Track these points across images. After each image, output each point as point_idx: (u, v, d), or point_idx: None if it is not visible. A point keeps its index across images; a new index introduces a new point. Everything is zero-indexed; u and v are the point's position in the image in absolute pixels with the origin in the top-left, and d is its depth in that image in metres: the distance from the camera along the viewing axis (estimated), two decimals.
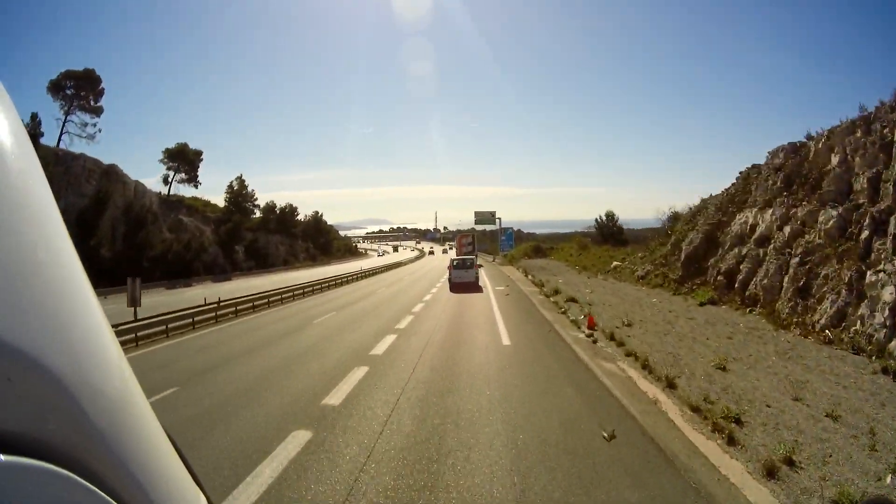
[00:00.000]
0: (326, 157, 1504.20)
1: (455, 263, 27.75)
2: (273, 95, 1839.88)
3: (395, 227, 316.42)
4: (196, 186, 64.09)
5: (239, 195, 65.46)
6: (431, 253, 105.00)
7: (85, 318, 0.51)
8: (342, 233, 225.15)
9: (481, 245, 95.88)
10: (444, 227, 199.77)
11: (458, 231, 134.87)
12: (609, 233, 45.51)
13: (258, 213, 69.16)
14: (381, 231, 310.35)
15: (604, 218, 50.74)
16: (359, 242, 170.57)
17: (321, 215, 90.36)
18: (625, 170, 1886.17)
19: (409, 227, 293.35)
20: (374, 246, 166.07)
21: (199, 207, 62.14)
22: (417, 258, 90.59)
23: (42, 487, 0.41)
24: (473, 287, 25.38)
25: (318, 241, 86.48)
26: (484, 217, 59.79)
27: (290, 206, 74.91)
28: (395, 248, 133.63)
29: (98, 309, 0.54)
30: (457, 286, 25.41)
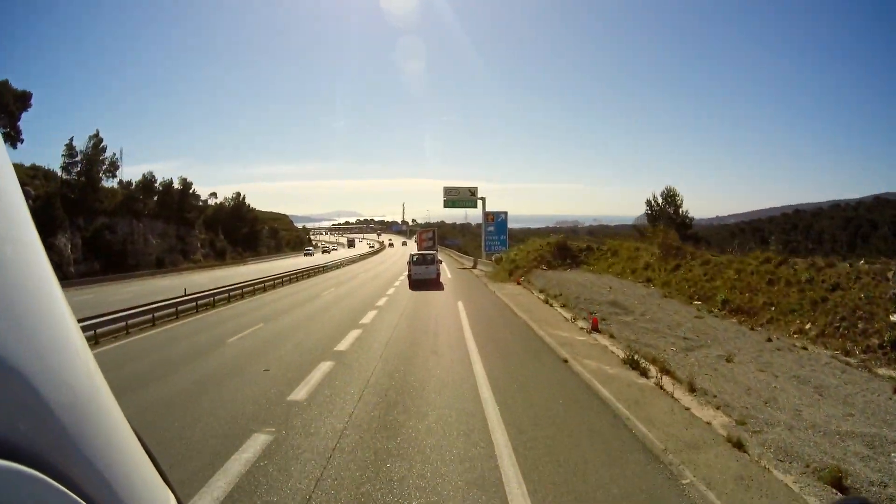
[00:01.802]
0: (299, 151, 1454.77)
1: (415, 259, 24.85)
2: (240, 85, 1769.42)
3: (362, 218, 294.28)
4: (14, 145, 41.76)
5: (90, 162, 42.93)
6: (391, 245, 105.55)
7: (52, 314, 0.51)
8: (308, 225, 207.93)
9: (451, 240, 75.02)
10: (413, 220, 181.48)
11: (427, 224, 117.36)
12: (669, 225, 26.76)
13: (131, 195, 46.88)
14: (346, 223, 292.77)
15: (658, 201, 31.31)
16: (319, 235, 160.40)
17: (243, 198, 68.23)
18: (604, 166, 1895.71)
19: (378, 219, 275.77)
20: (333, 238, 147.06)
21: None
22: (373, 253, 70.63)
23: (10, 488, 0.40)
24: (434, 284, 23.75)
25: (237, 232, 64.43)
26: (459, 196, 39.14)
27: (185, 182, 52.62)
28: (351, 243, 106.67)
29: (65, 304, 0.54)
30: (417, 283, 23.42)
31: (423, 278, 23.68)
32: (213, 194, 70.98)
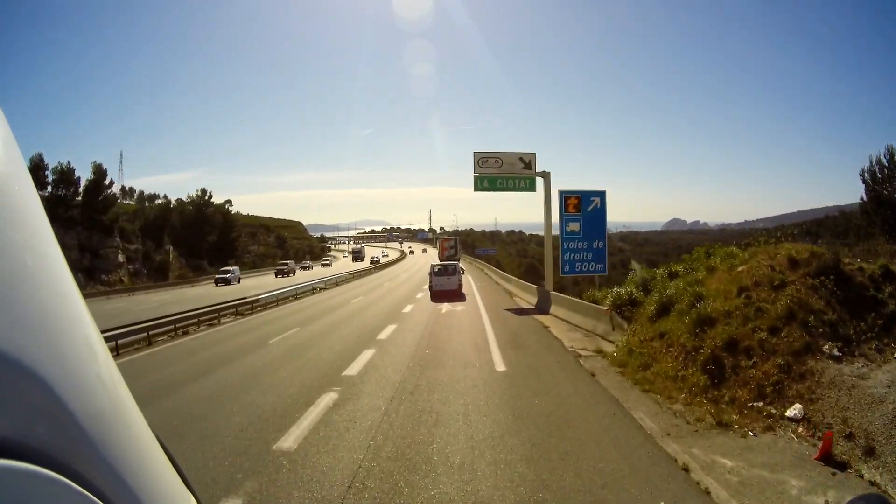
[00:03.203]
0: (328, 159, 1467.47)
1: (436, 270, 23.74)
2: (269, 97, 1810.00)
3: (388, 227, 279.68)
4: None
5: None
6: (411, 252, 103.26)
7: (73, 322, 0.51)
8: (336, 234, 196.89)
9: (483, 249, 57.45)
10: (441, 228, 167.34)
11: (454, 231, 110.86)
12: None
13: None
14: (372, 231, 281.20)
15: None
16: (341, 244, 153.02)
17: (209, 197, 52.25)
18: (626, 173, 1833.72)
19: (404, 227, 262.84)
20: (356, 248, 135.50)
21: None
22: (382, 267, 53.96)
23: (32, 491, 0.41)
24: (456, 296, 22.04)
25: (201, 240, 48.51)
26: (501, 170, 20.85)
27: (99, 170, 36.70)
28: (357, 254, 79.47)
29: (86, 313, 0.54)
30: (438, 294, 22.16)
31: (444, 289, 22.54)
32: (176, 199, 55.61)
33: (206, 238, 49.50)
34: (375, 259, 69.56)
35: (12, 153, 0.50)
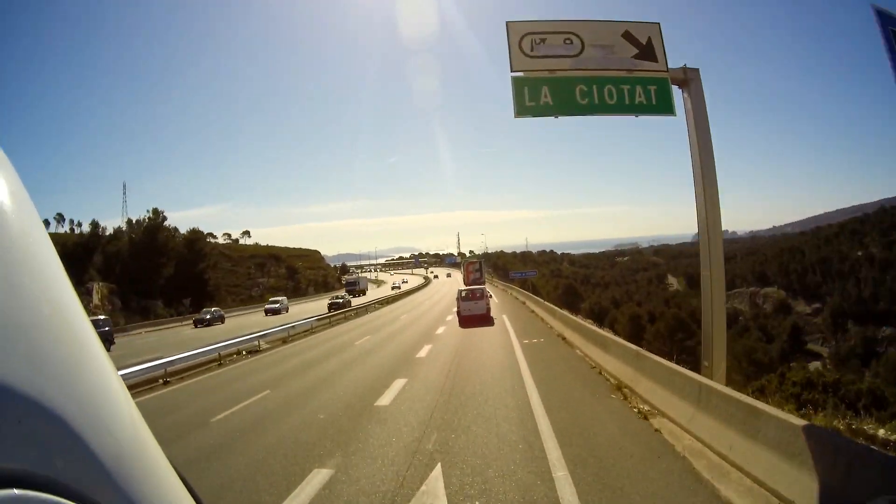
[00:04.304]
0: (352, 190, 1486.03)
1: (464, 295, 23.59)
2: (298, 131, 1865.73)
3: (416, 252, 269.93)
4: None
5: None
6: (435, 277, 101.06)
7: (91, 366, 0.54)
8: (359, 262, 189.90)
9: (517, 272, 47.64)
10: (470, 251, 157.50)
11: (484, 254, 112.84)
12: None
13: None
14: (401, 258, 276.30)
15: None
16: (369, 272, 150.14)
17: (161, 220, 41.41)
18: (650, 187, 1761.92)
19: (433, 252, 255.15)
20: (376, 276, 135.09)
21: None
22: (390, 300, 41.80)
23: None
24: (485, 320, 21.52)
25: (147, 273, 37.34)
26: (592, 44, 8.10)
27: None
28: (351, 290, 57.10)
29: (104, 356, 0.57)
30: (467, 320, 21.62)
31: (473, 314, 22.21)
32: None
33: (161, 272, 38.11)
34: (433, 275, 71.69)
35: (25, 205, 0.52)
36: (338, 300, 37.84)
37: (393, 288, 59.81)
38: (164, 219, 42.87)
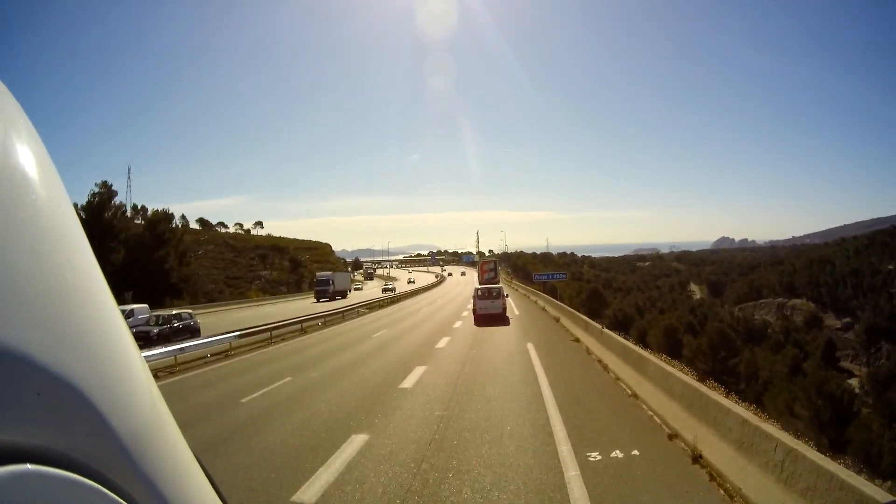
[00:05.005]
0: (377, 185, 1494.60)
1: (479, 293, 22.87)
2: (322, 126, 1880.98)
3: (435, 250, 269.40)
4: None
5: None
6: (450, 275, 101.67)
7: (112, 339, 0.53)
8: (373, 258, 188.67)
9: (541, 275, 42.41)
10: (490, 250, 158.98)
11: (505, 254, 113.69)
12: None
13: None
14: (418, 255, 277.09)
15: None
16: (385, 268, 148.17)
17: (107, 197, 38.86)
18: (671, 192, 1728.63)
19: (451, 250, 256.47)
20: (387, 272, 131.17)
21: None
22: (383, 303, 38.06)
23: (70, 497, 0.42)
24: (500, 319, 21.16)
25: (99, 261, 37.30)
26: None
27: None
28: (323, 291, 46.40)
29: (125, 330, 0.55)
30: (482, 318, 21.14)
31: (488, 313, 21.53)
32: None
33: (108, 258, 33.48)
34: (447, 273, 69.97)
35: (51, 176, 0.52)
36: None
37: (384, 290, 51.37)
38: (115, 194, 37.66)
